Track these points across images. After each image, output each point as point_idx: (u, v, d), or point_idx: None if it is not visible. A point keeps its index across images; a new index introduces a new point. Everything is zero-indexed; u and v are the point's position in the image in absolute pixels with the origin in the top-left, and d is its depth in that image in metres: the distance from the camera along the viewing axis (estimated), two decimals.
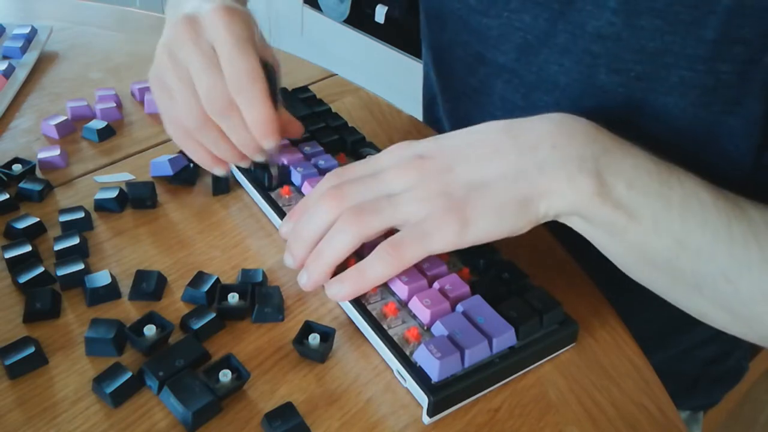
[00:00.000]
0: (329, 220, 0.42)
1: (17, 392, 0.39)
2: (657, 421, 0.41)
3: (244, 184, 0.54)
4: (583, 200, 0.39)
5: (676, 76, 0.47)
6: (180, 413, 0.37)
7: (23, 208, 0.51)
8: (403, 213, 0.40)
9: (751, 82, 0.46)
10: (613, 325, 0.46)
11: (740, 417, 0.79)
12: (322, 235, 0.42)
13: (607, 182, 0.39)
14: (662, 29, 0.46)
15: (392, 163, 0.42)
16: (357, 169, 0.44)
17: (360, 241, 0.41)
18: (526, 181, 0.39)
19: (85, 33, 0.77)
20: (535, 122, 0.42)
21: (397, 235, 0.40)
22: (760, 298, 0.39)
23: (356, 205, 0.41)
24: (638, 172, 0.39)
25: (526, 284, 0.45)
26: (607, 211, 0.39)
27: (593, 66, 0.50)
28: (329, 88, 0.69)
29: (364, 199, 0.41)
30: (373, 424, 0.39)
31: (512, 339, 0.40)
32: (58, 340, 0.42)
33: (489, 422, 0.39)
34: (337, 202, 0.41)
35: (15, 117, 0.62)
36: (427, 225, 0.39)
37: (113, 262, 0.47)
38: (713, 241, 0.39)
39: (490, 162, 0.40)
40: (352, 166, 0.44)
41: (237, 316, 0.44)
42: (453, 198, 0.40)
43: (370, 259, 0.41)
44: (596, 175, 0.39)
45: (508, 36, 0.55)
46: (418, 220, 0.40)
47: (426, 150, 0.42)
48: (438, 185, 0.40)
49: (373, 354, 0.42)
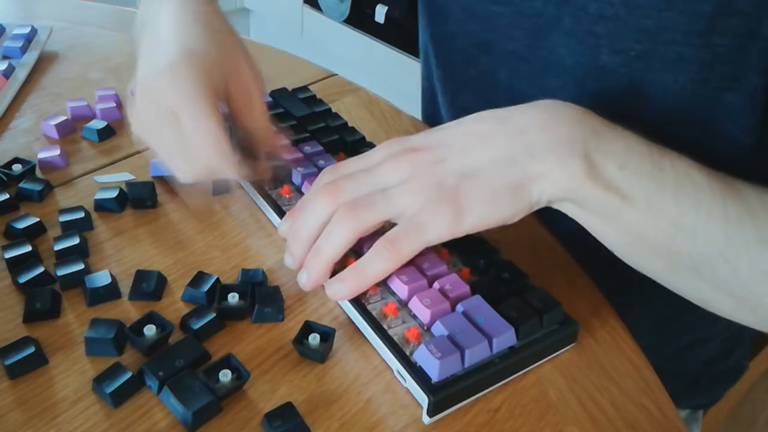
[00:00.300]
0: (325, 217, 0.42)
1: (17, 392, 0.39)
2: (657, 421, 0.41)
3: (244, 183, 0.54)
4: (575, 183, 0.39)
5: (674, 53, 0.47)
6: (180, 413, 0.37)
7: (23, 208, 0.51)
8: (397, 206, 0.41)
9: (748, 55, 0.45)
10: (613, 325, 0.46)
11: (740, 417, 0.79)
12: (319, 232, 0.42)
13: (598, 163, 0.39)
14: (659, 6, 0.46)
15: (385, 158, 0.43)
16: (351, 165, 0.44)
17: (356, 236, 0.41)
18: (517, 165, 0.39)
19: (85, 33, 0.77)
20: (523, 108, 0.42)
21: (393, 230, 0.41)
22: (760, 278, 0.39)
23: (351, 201, 0.41)
24: (629, 153, 0.39)
25: (526, 284, 0.45)
26: (598, 193, 0.39)
27: (596, 47, 0.51)
28: (329, 88, 0.69)
29: (358, 194, 0.42)
30: (373, 424, 0.39)
31: (512, 339, 0.40)
32: (58, 340, 0.42)
33: (489, 422, 0.39)
34: (332, 197, 0.42)
35: (15, 117, 0.62)
36: (421, 216, 0.40)
37: (113, 262, 0.47)
38: (708, 221, 0.39)
39: (479, 149, 0.41)
40: (347, 162, 0.45)
41: (237, 316, 0.44)
42: (445, 187, 0.40)
43: (368, 257, 0.41)
44: (586, 156, 0.39)
45: (518, 23, 0.55)
46: (413, 213, 0.40)
47: (417, 143, 0.43)
48: (431, 176, 0.40)
49: (373, 354, 0.42)
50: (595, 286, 0.49)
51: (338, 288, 0.42)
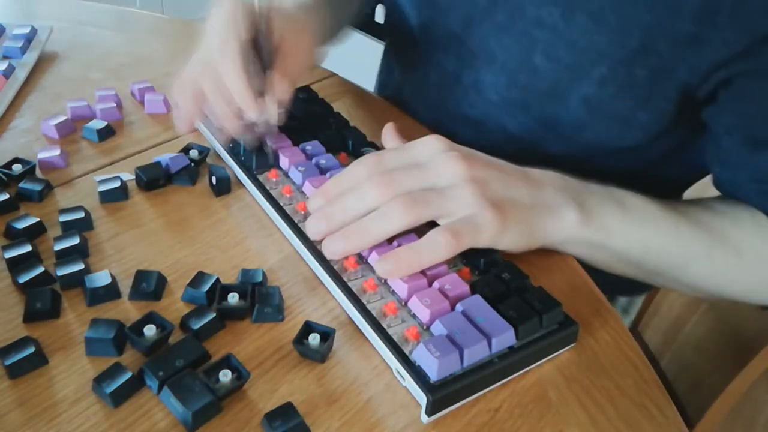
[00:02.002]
0: (376, 204, 0.44)
1: (17, 392, 0.39)
2: (657, 421, 0.41)
3: (245, 182, 0.54)
4: (574, 229, 0.47)
5: (598, 72, 0.53)
6: (180, 413, 0.37)
7: (23, 208, 0.52)
8: (451, 207, 0.44)
9: (662, 87, 0.53)
10: (613, 325, 0.46)
11: (740, 417, 0.79)
12: (364, 215, 0.45)
13: (590, 213, 0.47)
14: (592, 30, 0.52)
15: (435, 158, 0.46)
16: (396, 157, 0.47)
17: (407, 227, 0.44)
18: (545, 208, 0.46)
19: (85, 33, 0.77)
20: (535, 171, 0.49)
21: (454, 224, 0.43)
22: (704, 277, 0.53)
23: (408, 193, 0.44)
24: (603, 202, 0.49)
25: (526, 284, 0.45)
26: (590, 234, 0.48)
27: (530, 47, 0.56)
28: (329, 88, 0.69)
29: (413, 188, 0.44)
30: (373, 424, 0.39)
31: (511, 339, 0.40)
32: (58, 340, 0.42)
33: (489, 422, 0.39)
34: (389, 189, 0.44)
35: (15, 117, 0.62)
36: (477, 219, 0.43)
37: (113, 262, 0.47)
38: (666, 241, 0.50)
39: (518, 187, 0.46)
40: (390, 153, 0.47)
41: (237, 316, 0.44)
42: (495, 203, 0.44)
43: (427, 242, 0.43)
44: (581, 209, 0.47)
45: (455, 6, 0.60)
46: (466, 215, 0.44)
47: (464, 152, 0.46)
48: (481, 190, 0.44)
49: (373, 354, 0.42)
50: (595, 286, 0.49)
51: (391, 267, 0.43)
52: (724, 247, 0.51)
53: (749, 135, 0.52)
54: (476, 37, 0.60)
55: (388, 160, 0.46)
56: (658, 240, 0.50)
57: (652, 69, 0.52)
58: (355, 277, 0.44)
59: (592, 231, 0.47)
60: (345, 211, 0.45)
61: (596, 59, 0.53)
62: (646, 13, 0.49)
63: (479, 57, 0.61)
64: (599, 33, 0.52)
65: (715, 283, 0.54)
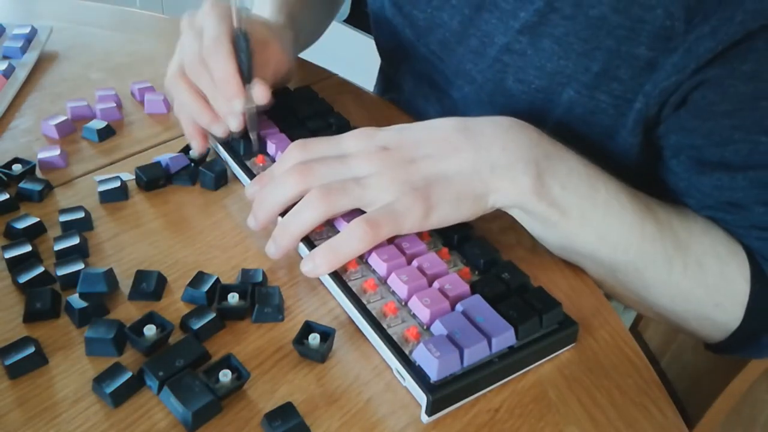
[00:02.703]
0: (294, 194, 0.46)
1: (17, 392, 0.39)
2: (657, 421, 0.41)
3: (244, 181, 0.54)
4: (524, 197, 0.45)
5: (566, 95, 0.54)
6: (180, 413, 0.37)
7: (23, 208, 0.52)
8: (369, 195, 0.44)
9: (624, 118, 0.52)
10: (613, 325, 0.46)
11: (740, 417, 0.79)
12: (284, 205, 0.46)
13: (546, 183, 0.45)
14: (558, 54, 0.53)
15: (358, 150, 0.47)
16: (322, 147, 0.48)
17: (326, 218, 0.45)
18: (480, 178, 0.45)
19: (85, 33, 0.77)
20: (488, 124, 0.47)
21: (371, 214, 0.44)
22: (660, 285, 0.48)
23: (325, 185, 0.45)
24: (571, 175, 0.46)
25: (526, 284, 0.45)
26: (543, 207, 0.45)
27: (503, 72, 0.57)
28: (329, 88, 0.69)
29: (331, 179, 0.45)
30: (373, 424, 0.39)
31: (511, 339, 0.40)
32: (58, 340, 0.42)
33: (489, 422, 0.39)
34: (305, 178, 0.45)
35: (15, 117, 0.62)
36: (396, 206, 0.43)
37: (113, 262, 0.47)
38: (628, 237, 0.47)
39: (449, 159, 0.45)
40: (317, 142, 0.48)
41: (237, 316, 0.44)
42: (417, 186, 0.44)
43: (344, 236, 0.43)
44: (537, 176, 0.45)
45: (432, 29, 0.62)
46: (386, 203, 0.44)
47: (390, 141, 0.47)
48: (402, 174, 0.45)
49: (373, 354, 0.42)
50: (595, 286, 0.49)
51: (312, 266, 0.44)
52: (686, 258, 0.48)
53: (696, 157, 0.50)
54: (454, 60, 0.61)
55: (314, 150, 0.47)
56: (618, 232, 0.46)
57: (614, 96, 0.52)
58: (355, 277, 0.44)
59: (544, 205, 0.45)
60: (268, 200, 0.47)
61: (564, 82, 0.53)
62: (607, 38, 0.50)
63: (460, 77, 0.62)
64: (565, 57, 0.53)
65: (670, 294, 0.49)
